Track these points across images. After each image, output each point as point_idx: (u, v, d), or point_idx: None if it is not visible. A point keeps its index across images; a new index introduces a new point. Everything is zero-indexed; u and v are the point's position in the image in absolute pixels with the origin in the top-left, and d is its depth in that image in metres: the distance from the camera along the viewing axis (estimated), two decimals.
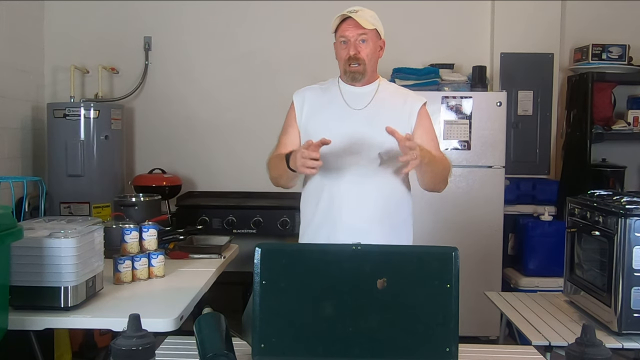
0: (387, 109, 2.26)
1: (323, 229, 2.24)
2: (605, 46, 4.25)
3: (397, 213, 2.26)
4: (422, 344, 1.54)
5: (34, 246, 1.99)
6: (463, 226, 3.90)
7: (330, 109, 2.28)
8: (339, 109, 2.27)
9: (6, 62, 3.95)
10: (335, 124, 2.23)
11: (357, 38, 2.19)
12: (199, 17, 4.57)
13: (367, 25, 2.17)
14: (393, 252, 1.63)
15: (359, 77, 2.23)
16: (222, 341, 1.51)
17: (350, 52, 2.20)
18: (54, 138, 4.03)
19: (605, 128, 4.28)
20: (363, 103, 2.26)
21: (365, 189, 2.19)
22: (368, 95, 2.28)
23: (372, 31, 2.21)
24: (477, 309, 3.54)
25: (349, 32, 2.19)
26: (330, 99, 2.30)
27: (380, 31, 2.24)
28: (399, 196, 2.26)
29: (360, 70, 2.22)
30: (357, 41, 2.19)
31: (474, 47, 4.56)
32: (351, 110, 2.26)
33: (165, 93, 4.58)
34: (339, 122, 2.24)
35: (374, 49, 2.23)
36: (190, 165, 4.58)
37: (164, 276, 2.56)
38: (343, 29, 2.20)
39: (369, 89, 2.29)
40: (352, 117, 2.24)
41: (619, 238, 2.27)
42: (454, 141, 3.95)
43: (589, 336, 1.35)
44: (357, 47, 2.19)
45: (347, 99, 2.28)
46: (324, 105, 2.30)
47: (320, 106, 2.30)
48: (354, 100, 2.27)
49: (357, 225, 2.17)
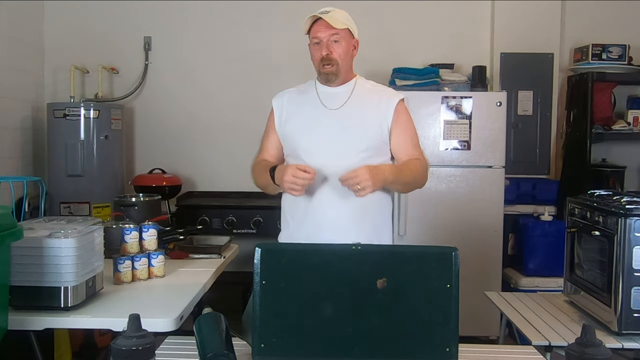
0: (363, 108, 2.27)
1: (303, 228, 2.26)
2: (605, 46, 4.25)
3: (377, 213, 2.27)
4: (422, 344, 1.54)
5: (34, 246, 1.99)
6: (463, 226, 3.90)
7: (307, 110, 2.31)
8: (315, 109, 2.29)
9: (6, 62, 3.95)
10: (311, 124, 2.27)
11: (329, 38, 2.21)
12: (199, 17, 4.57)
13: (338, 25, 2.19)
14: (393, 252, 1.63)
15: (332, 77, 2.25)
16: (222, 341, 1.51)
17: (322, 53, 2.22)
18: (54, 138, 4.04)
19: (605, 128, 4.28)
20: (339, 103, 2.27)
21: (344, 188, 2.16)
22: (344, 95, 2.29)
23: (344, 31, 2.22)
24: (477, 309, 3.53)
25: (321, 33, 2.21)
26: (306, 101, 2.33)
27: (353, 31, 2.26)
28: (377, 196, 2.23)
29: (334, 70, 2.23)
30: (330, 41, 2.21)
31: (474, 47, 4.56)
32: (327, 110, 2.28)
33: (165, 93, 4.58)
34: (315, 122, 2.28)
35: (347, 48, 2.24)
36: (190, 165, 4.58)
37: (164, 276, 2.56)
38: (315, 30, 2.22)
39: (345, 88, 2.30)
40: (328, 117, 2.27)
41: (619, 238, 2.27)
42: (454, 141, 3.95)
43: (589, 336, 1.35)
44: (329, 47, 2.21)
45: (323, 99, 2.29)
46: (300, 107, 2.33)
47: (298, 108, 2.33)
48: (329, 100, 2.29)
49: (337, 224, 2.19)
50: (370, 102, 2.28)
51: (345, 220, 2.20)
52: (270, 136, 2.40)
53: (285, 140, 2.33)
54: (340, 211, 2.20)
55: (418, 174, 2.26)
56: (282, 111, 2.35)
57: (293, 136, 2.29)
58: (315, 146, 2.23)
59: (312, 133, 2.26)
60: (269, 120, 2.42)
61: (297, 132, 2.29)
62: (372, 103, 2.27)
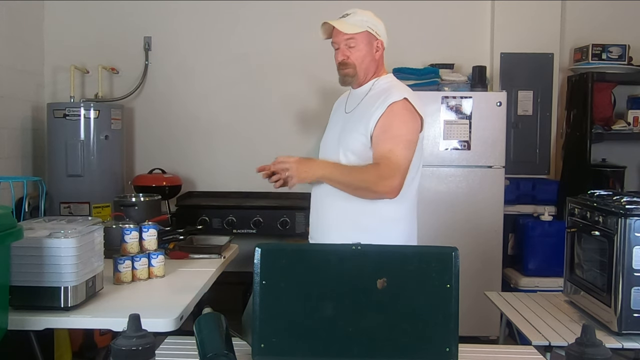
0: (365, 111, 2.22)
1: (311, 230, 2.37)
2: (605, 46, 4.25)
3: (373, 214, 2.19)
4: (422, 344, 1.54)
5: (34, 246, 1.99)
6: (463, 226, 3.90)
7: (335, 113, 2.43)
8: (337, 112, 2.39)
9: (6, 62, 3.95)
10: (328, 128, 2.40)
11: (345, 43, 2.22)
12: (198, 17, 4.57)
13: (348, 29, 2.19)
14: (393, 252, 1.62)
15: (349, 80, 2.27)
16: (222, 341, 1.51)
17: (338, 59, 2.26)
18: (54, 138, 4.03)
19: (605, 128, 4.28)
20: (353, 106, 2.30)
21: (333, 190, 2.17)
22: (359, 97, 2.30)
23: (361, 34, 2.21)
24: (477, 309, 3.54)
25: (336, 38, 2.25)
26: (340, 103, 2.42)
27: (376, 32, 2.23)
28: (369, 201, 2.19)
29: (350, 73, 2.25)
30: (345, 47, 2.22)
31: (474, 47, 4.56)
32: (343, 113, 2.33)
33: (165, 93, 4.58)
34: (330, 126, 2.39)
35: (365, 51, 2.23)
36: (190, 165, 4.58)
37: (164, 276, 2.56)
38: (334, 35, 2.26)
39: (362, 90, 2.30)
40: (339, 121, 2.32)
41: (619, 238, 2.27)
42: (454, 141, 3.95)
43: (589, 336, 1.35)
44: (344, 52, 2.23)
45: (348, 101, 2.34)
46: (335, 110, 2.45)
47: (334, 111, 2.46)
48: (351, 102, 2.33)
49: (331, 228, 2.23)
50: (373, 104, 2.21)
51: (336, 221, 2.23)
52: None
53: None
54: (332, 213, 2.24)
55: (362, 178, 2.10)
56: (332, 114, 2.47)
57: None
58: (321, 150, 2.37)
59: (324, 137, 2.39)
60: None
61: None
62: (373, 105, 2.20)
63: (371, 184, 2.09)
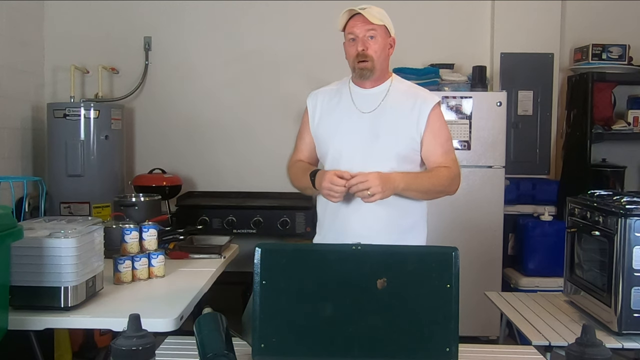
0: (396, 112, 2.19)
1: (330, 234, 2.24)
2: (605, 46, 4.25)
3: (405, 218, 2.21)
4: (422, 344, 1.54)
5: (34, 246, 1.99)
6: (463, 226, 3.90)
7: (340, 112, 2.25)
8: (348, 112, 2.23)
9: (6, 62, 3.95)
10: (342, 127, 2.22)
11: (365, 34, 2.15)
12: (199, 17, 4.57)
13: (375, 20, 2.13)
14: (393, 252, 1.62)
15: (367, 74, 2.17)
16: (222, 341, 1.51)
17: (358, 49, 2.15)
18: (54, 138, 4.03)
19: (605, 128, 4.28)
20: (372, 106, 2.21)
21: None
22: (377, 98, 2.22)
23: (381, 27, 2.17)
24: (477, 309, 3.54)
25: (357, 28, 2.15)
26: (340, 102, 2.27)
27: (390, 28, 2.20)
28: (407, 201, 2.19)
29: (369, 67, 2.16)
30: (366, 37, 2.15)
31: (474, 47, 4.56)
32: (359, 113, 2.22)
33: (166, 93, 4.58)
34: (346, 126, 2.22)
35: (383, 45, 2.18)
36: (190, 165, 4.58)
37: (164, 276, 2.56)
38: (351, 26, 2.17)
39: (379, 90, 2.24)
40: (359, 121, 2.21)
41: (619, 238, 2.27)
42: (454, 141, 3.93)
43: (589, 336, 1.35)
44: (365, 43, 2.15)
45: (356, 101, 2.23)
46: (334, 108, 2.27)
47: (331, 109, 2.28)
48: (363, 102, 2.23)
49: (363, 232, 2.10)
50: (404, 106, 2.19)
51: (371, 227, 2.15)
52: (304, 136, 2.34)
53: (317, 142, 2.29)
54: (367, 218, 2.15)
55: (439, 182, 2.19)
56: (316, 111, 2.29)
57: (325, 138, 2.25)
58: (345, 151, 2.19)
59: (342, 137, 2.20)
60: (303, 119, 2.36)
61: (328, 135, 2.24)
62: (405, 108, 2.19)
63: (446, 187, 2.22)
